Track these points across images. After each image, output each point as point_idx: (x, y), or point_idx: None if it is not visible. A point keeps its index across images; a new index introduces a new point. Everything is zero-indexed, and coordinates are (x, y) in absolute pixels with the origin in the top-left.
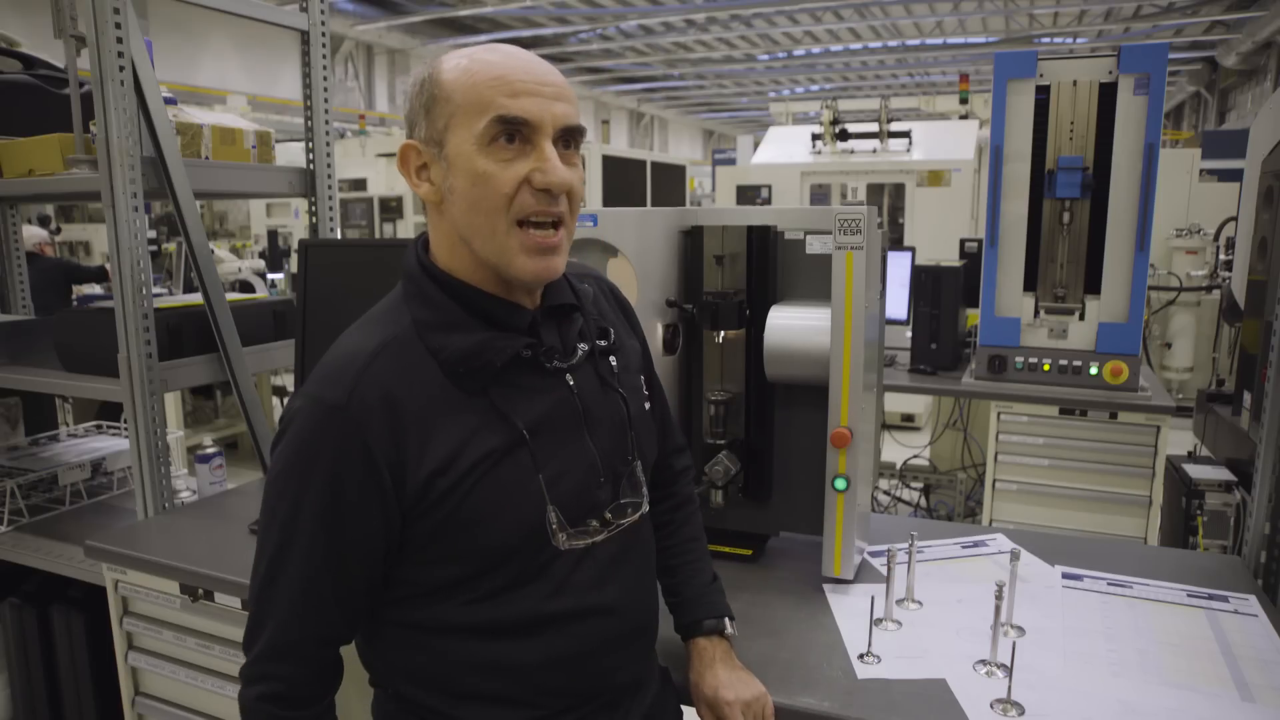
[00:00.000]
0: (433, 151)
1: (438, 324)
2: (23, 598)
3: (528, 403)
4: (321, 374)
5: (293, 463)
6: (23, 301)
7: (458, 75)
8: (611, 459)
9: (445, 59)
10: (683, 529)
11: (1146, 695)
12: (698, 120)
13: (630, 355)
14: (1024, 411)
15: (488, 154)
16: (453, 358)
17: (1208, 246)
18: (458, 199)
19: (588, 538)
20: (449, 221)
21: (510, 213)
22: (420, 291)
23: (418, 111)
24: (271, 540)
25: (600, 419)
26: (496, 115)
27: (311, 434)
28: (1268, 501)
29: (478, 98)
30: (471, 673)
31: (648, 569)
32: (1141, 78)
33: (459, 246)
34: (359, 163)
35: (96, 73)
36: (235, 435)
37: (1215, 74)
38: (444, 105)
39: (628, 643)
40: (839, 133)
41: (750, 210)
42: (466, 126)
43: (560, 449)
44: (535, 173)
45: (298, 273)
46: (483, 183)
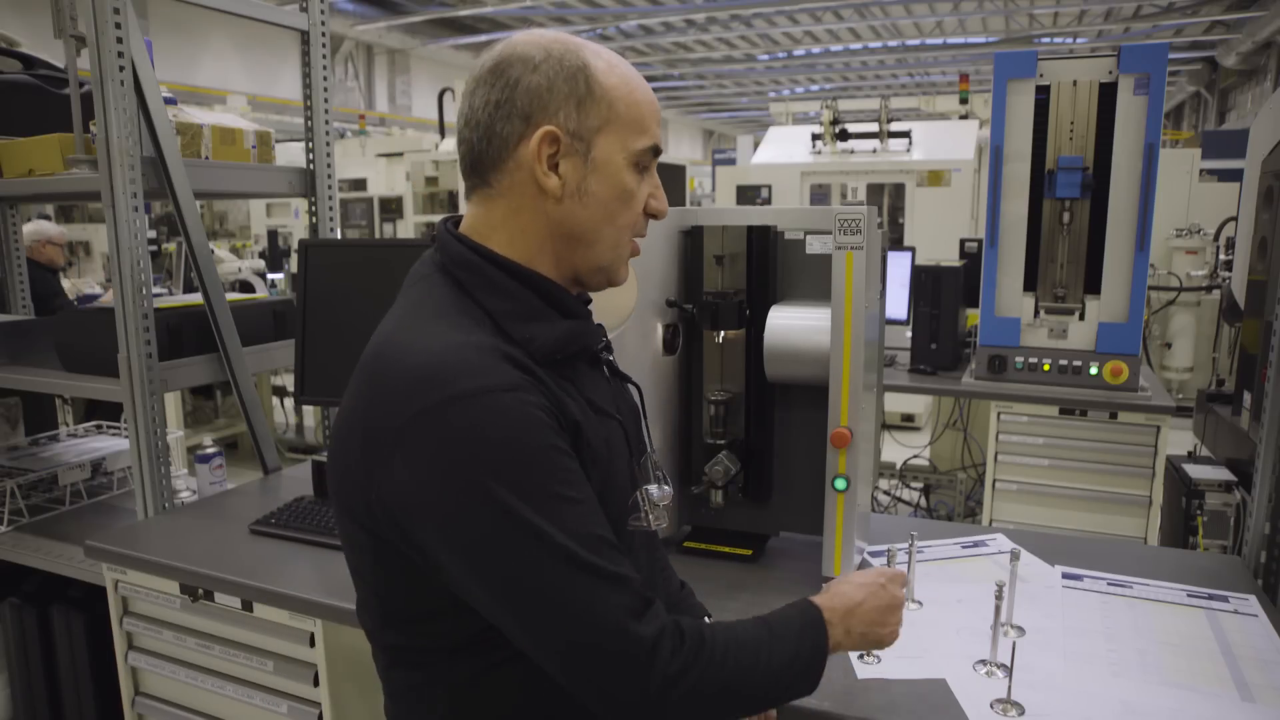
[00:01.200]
0: (575, 146)
1: (519, 314)
2: (23, 598)
3: (598, 390)
4: (455, 370)
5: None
6: (23, 301)
7: (617, 83)
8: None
9: (591, 52)
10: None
11: (1146, 695)
12: (698, 120)
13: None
14: (1024, 411)
15: (633, 172)
16: (547, 345)
17: (1208, 246)
18: (592, 202)
19: (662, 519)
20: (556, 216)
21: (634, 229)
22: (488, 282)
23: (566, 98)
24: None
25: (626, 412)
26: (654, 145)
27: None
28: (1268, 501)
29: (639, 117)
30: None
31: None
32: (1141, 78)
33: (552, 243)
34: (359, 163)
35: (96, 73)
36: (235, 435)
37: (1215, 74)
38: (600, 107)
39: None
40: (839, 133)
41: (750, 210)
42: (622, 139)
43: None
44: (651, 200)
45: (298, 273)
46: (626, 199)
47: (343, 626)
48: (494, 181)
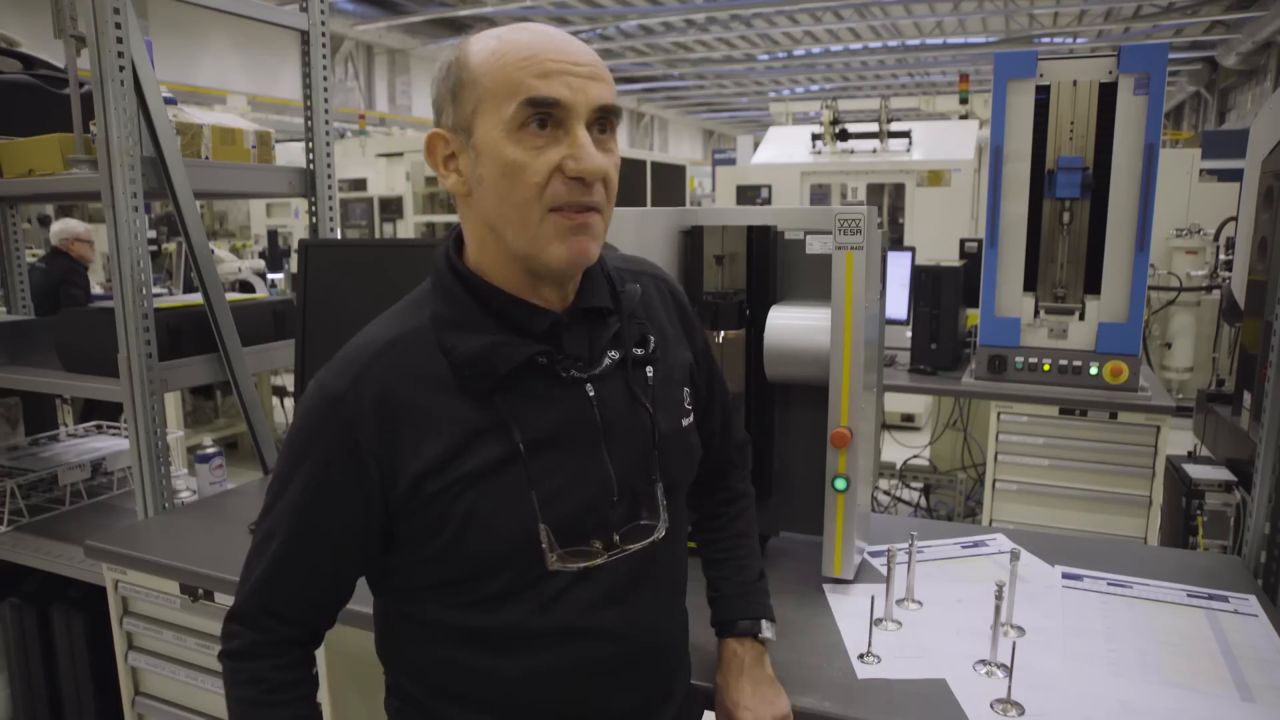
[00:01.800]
0: (460, 140)
1: (454, 322)
2: (23, 598)
3: (538, 412)
4: (337, 359)
5: (292, 440)
6: (23, 301)
7: (485, 57)
8: (631, 477)
9: (474, 39)
10: (734, 523)
11: (1146, 695)
12: (698, 120)
13: (675, 367)
14: (1024, 411)
15: (518, 141)
16: (460, 360)
17: (1208, 246)
18: (487, 190)
19: (584, 560)
20: (478, 213)
21: (543, 202)
22: (444, 287)
23: (444, 97)
24: (268, 502)
25: (622, 434)
26: (526, 98)
27: (311, 417)
28: (1268, 501)
29: (506, 80)
30: (456, 675)
31: (666, 594)
32: (1141, 78)
33: (488, 239)
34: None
35: (96, 73)
36: (235, 435)
37: (1215, 74)
38: (471, 89)
39: (627, 669)
40: (839, 133)
41: (750, 210)
42: (495, 112)
43: (568, 463)
44: (568, 160)
45: (298, 273)
46: (513, 172)
47: (343, 626)
48: None
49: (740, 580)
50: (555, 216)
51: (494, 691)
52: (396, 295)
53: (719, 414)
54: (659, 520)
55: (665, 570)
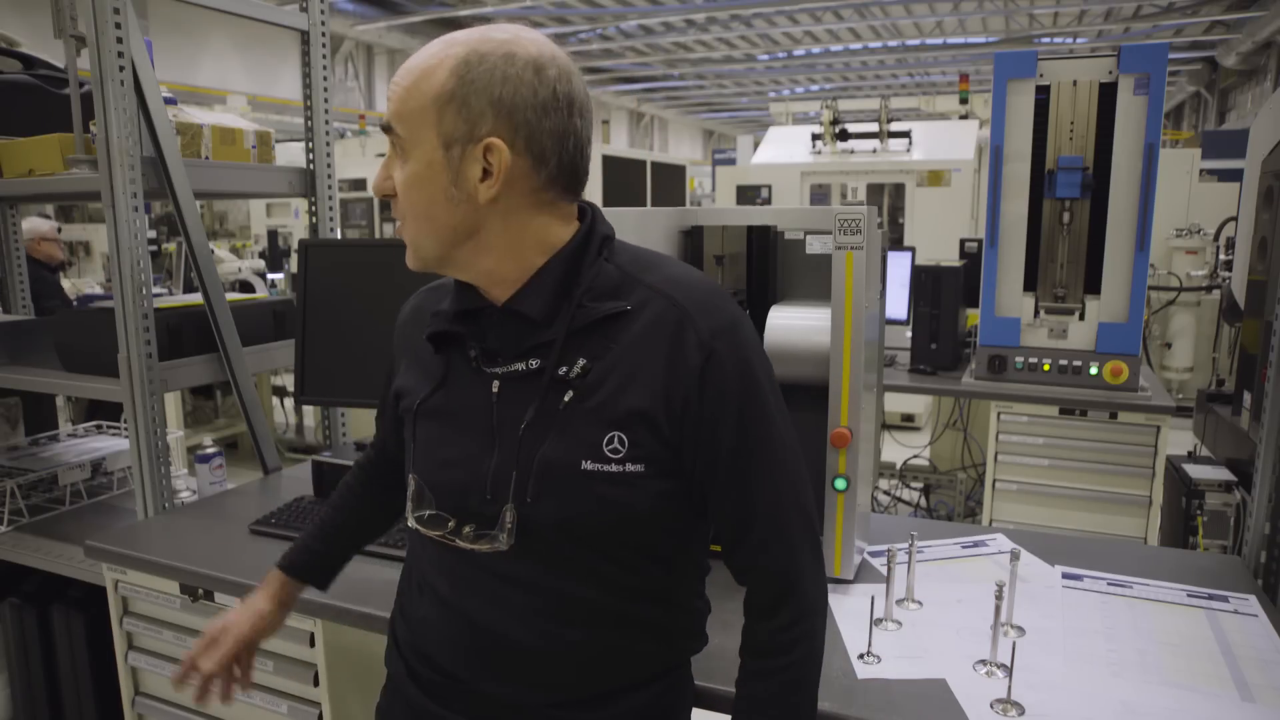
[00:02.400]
0: None
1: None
2: (23, 598)
3: (457, 383)
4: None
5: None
6: (23, 301)
7: None
8: (502, 485)
9: None
10: (747, 683)
11: (1146, 695)
12: (698, 120)
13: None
14: (1024, 411)
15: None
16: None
17: (1208, 246)
18: None
19: (429, 529)
20: None
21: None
22: None
23: None
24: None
25: (511, 439)
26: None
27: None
28: (1268, 501)
29: None
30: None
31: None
32: (1141, 78)
33: None
34: (359, 163)
35: (96, 73)
36: (235, 435)
37: (1215, 74)
38: None
39: (475, 651)
40: (839, 133)
41: (750, 210)
42: None
43: (459, 441)
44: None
45: (298, 273)
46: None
47: (343, 626)
48: None
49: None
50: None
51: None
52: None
53: (730, 516)
54: (501, 534)
55: (516, 584)
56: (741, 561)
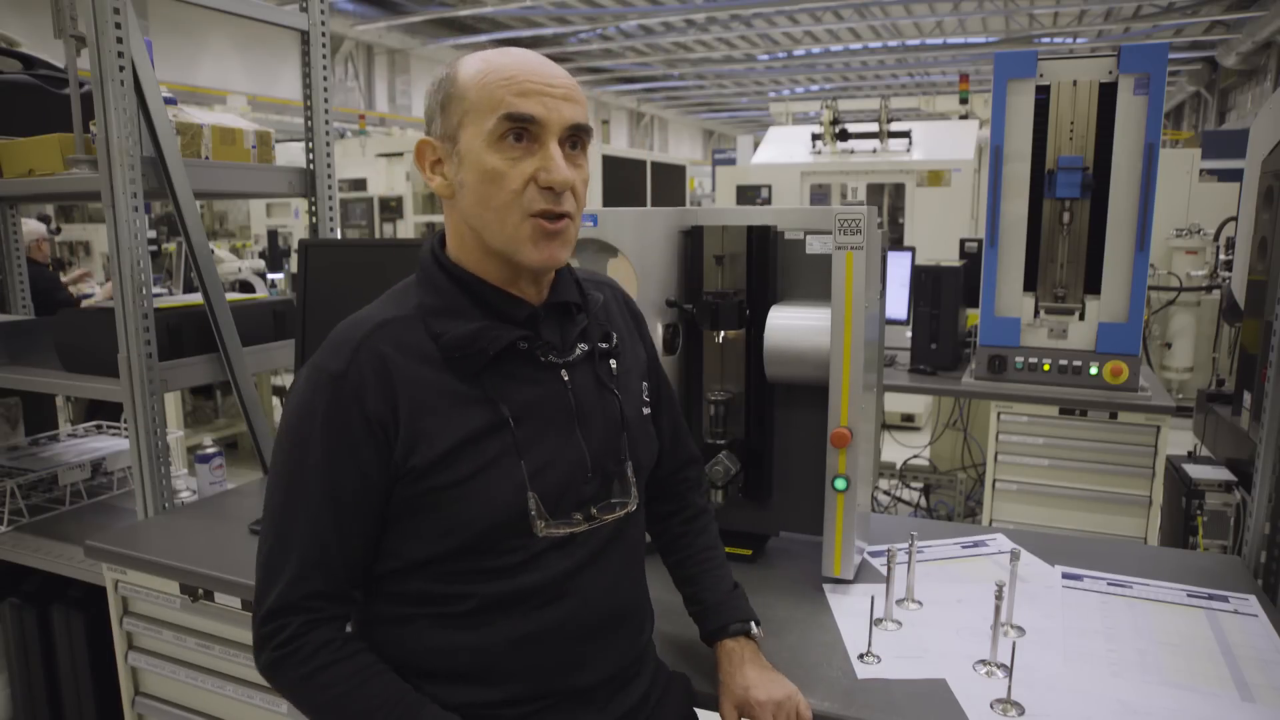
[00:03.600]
0: (446, 147)
1: (441, 309)
2: (23, 598)
3: (518, 391)
4: (327, 345)
5: (294, 424)
6: (23, 301)
7: (472, 75)
8: (602, 458)
9: (463, 60)
10: (699, 538)
11: (1146, 695)
12: (698, 120)
13: (634, 362)
14: (1024, 411)
15: (497, 151)
16: (450, 343)
17: (1208, 246)
18: (468, 193)
19: (568, 528)
20: (459, 214)
21: (521, 207)
22: (429, 279)
23: (434, 109)
24: (276, 500)
25: (594, 417)
26: (505, 113)
27: (312, 399)
28: (1268, 501)
29: (489, 96)
30: (440, 653)
31: (632, 563)
32: (1141, 78)
33: (469, 237)
34: (359, 163)
35: (96, 73)
36: (235, 435)
37: (1215, 74)
38: (458, 103)
39: (601, 633)
40: (839, 133)
41: (750, 210)
42: (478, 124)
43: (547, 440)
44: (540, 171)
45: (298, 273)
46: (491, 179)
47: None
48: None
49: (721, 589)
50: (534, 221)
51: (478, 662)
52: None
53: (668, 422)
54: (630, 496)
55: (630, 541)
56: (680, 456)
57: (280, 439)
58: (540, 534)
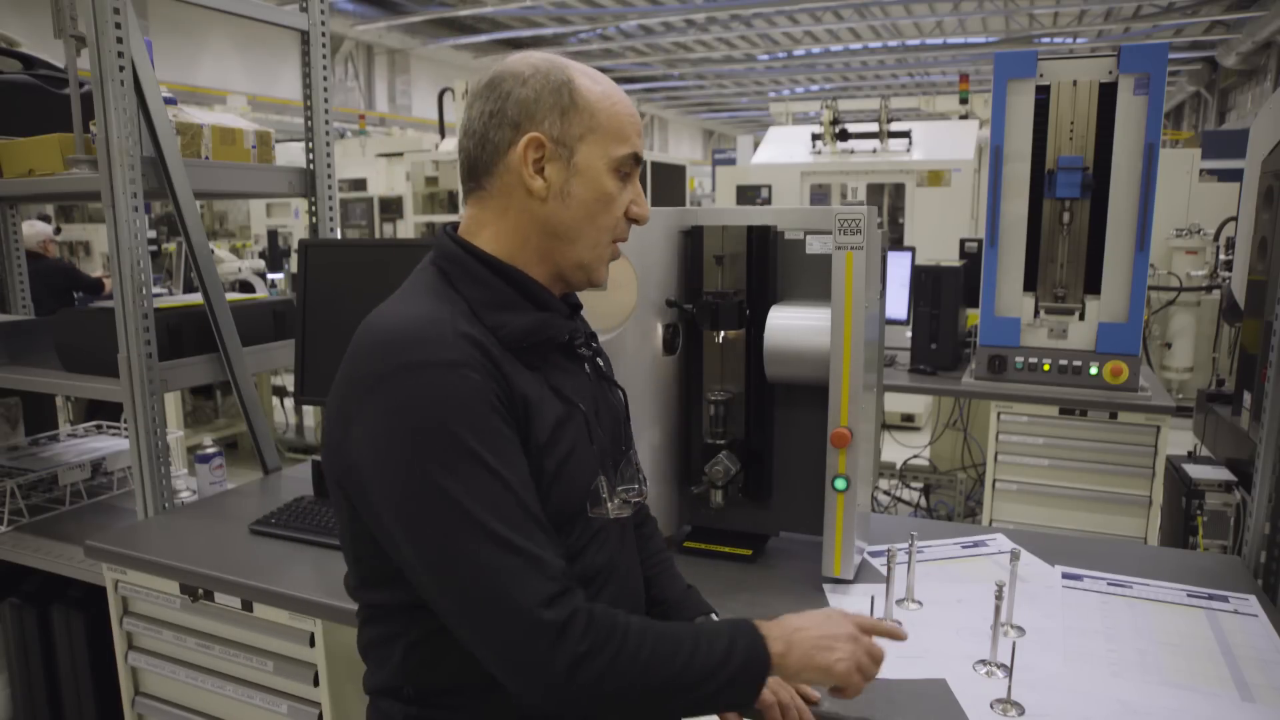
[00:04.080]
0: (559, 152)
1: (491, 302)
2: (23, 598)
3: (565, 381)
4: (413, 341)
5: (425, 426)
6: (23, 301)
7: (598, 96)
8: (611, 448)
9: (575, 68)
10: (650, 542)
11: (1146, 695)
12: (698, 120)
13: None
14: (1024, 411)
15: (613, 178)
16: (515, 334)
17: (1208, 246)
18: (574, 204)
19: (626, 508)
20: (541, 216)
21: (614, 232)
22: (468, 273)
23: (549, 109)
24: (455, 509)
25: (603, 409)
26: (633, 152)
27: (441, 390)
28: (1268, 501)
29: (619, 127)
30: None
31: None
32: (1141, 78)
33: (536, 240)
34: (359, 163)
35: (96, 73)
36: (235, 435)
37: (1215, 74)
38: (584, 117)
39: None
40: (839, 133)
41: (750, 210)
42: (603, 147)
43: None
44: (633, 205)
45: (298, 273)
46: (606, 202)
47: (343, 626)
48: (487, 184)
49: (678, 587)
50: (613, 246)
51: None
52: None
53: None
54: (642, 481)
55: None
56: None
57: (411, 452)
58: (612, 515)
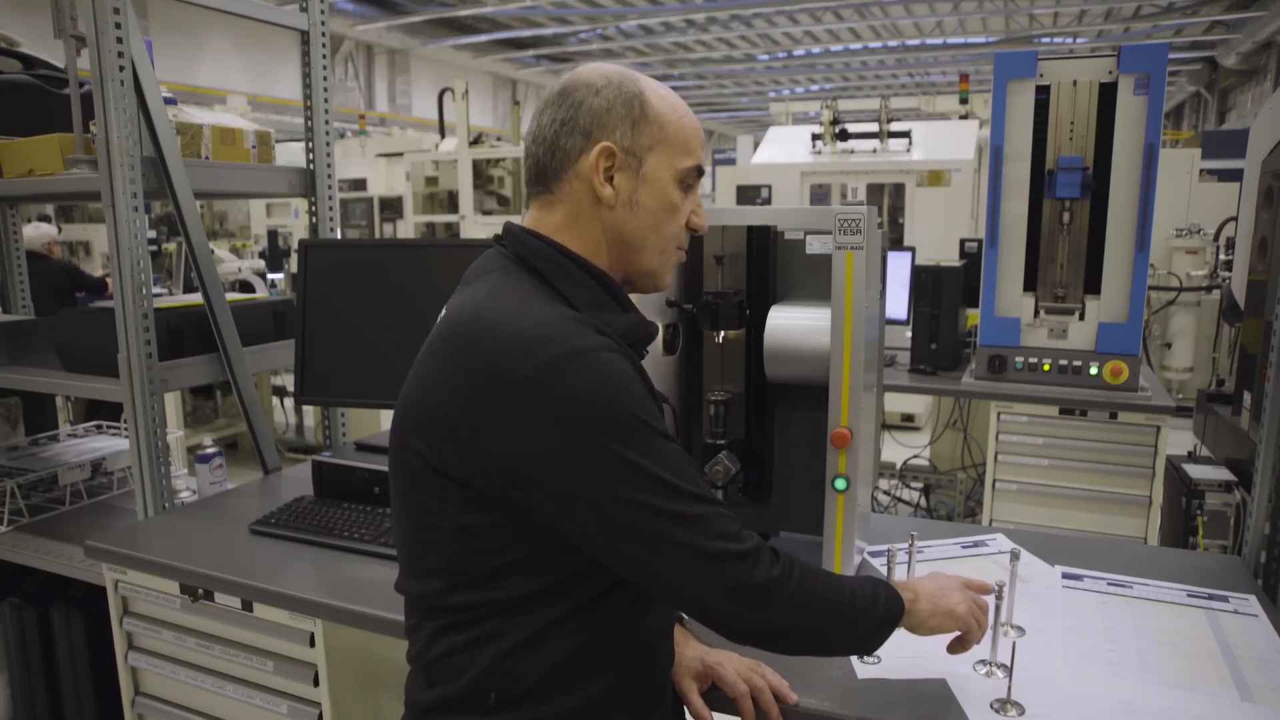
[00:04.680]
0: (629, 161)
1: (592, 302)
2: (23, 598)
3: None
4: (559, 333)
5: (608, 402)
6: (23, 301)
7: (668, 109)
8: None
9: (646, 82)
10: None
11: (1146, 695)
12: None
13: None
14: (1024, 411)
15: (679, 189)
16: (619, 331)
17: (1208, 246)
18: (642, 213)
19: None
20: (612, 225)
21: (677, 240)
22: (566, 274)
23: (620, 119)
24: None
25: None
26: (698, 165)
27: (611, 371)
28: (1268, 501)
29: (686, 141)
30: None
31: None
32: (1141, 78)
33: (610, 247)
34: (359, 163)
35: (96, 73)
36: (235, 435)
37: (1215, 74)
38: (654, 129)
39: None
40: (839, 133)
41: (750, 210)
42: (670, 158)
43: None
44: (693, 215)
45: (298, 273)
46: (671, 211)
47: (343, 626)
48: (555, 189)
49: None
50: (678, 253)
51: (633, 659)
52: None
53: None
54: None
55: None
56: None
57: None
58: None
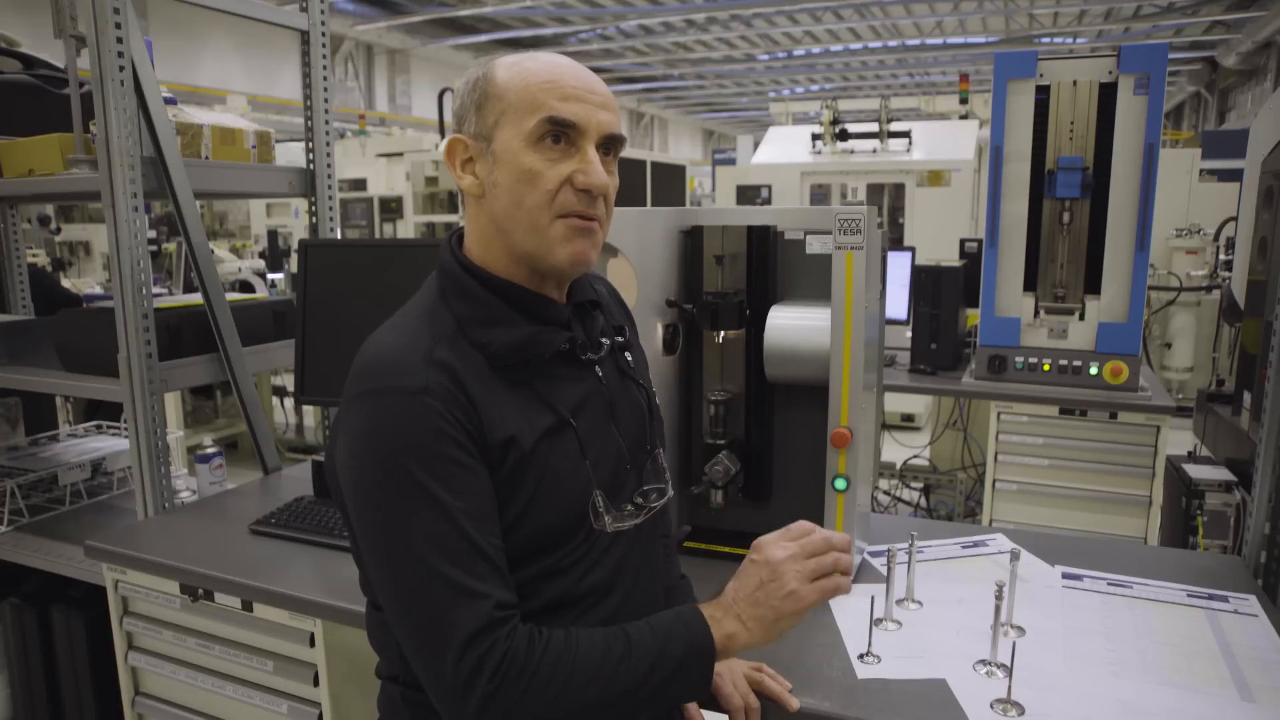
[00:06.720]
0: (480, 146)
1: (480, 319)
2: (23, 598)
3: (565, 392)
4: (390, 367)
5: (381, 455)
6: (23, 301)
7: (511, 75)
8: (635, 448)
9: (499, 61)
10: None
11: (1146, 695)
12: (698, 120)
13: (640, 353)
14: (1024, 411)
15: (535, 152)
16: (501, 351)
17: (1208, 246)
18: (501, 193)
19: (626, 520)
20: (488, 214)
21: (553, 209)
22: (459, 288)
23: (468, 107)
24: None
25: (623, 409)
26: (547, 115)
27: (400, 421)
28: (1268, 501)
29: (530, 98)
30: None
31: (655, 554)
32: (1141, 78)
33: (495, 239)
34: (359, 163)
35: (96, 73)
36: (235, 435)
37: (1215, 74)
38: (495, 103)
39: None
40: (839, 133)
41: (750, 210)
42: (516, 124)
43: (595, 436)
44: (578, 173)
45: (298, 273)
46: (528, 179)
47: (343, 626)
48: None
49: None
50: (564, 221)
51: None
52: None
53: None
54: (666, 482)
55: (660, 526)
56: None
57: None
58: (609, 529)
